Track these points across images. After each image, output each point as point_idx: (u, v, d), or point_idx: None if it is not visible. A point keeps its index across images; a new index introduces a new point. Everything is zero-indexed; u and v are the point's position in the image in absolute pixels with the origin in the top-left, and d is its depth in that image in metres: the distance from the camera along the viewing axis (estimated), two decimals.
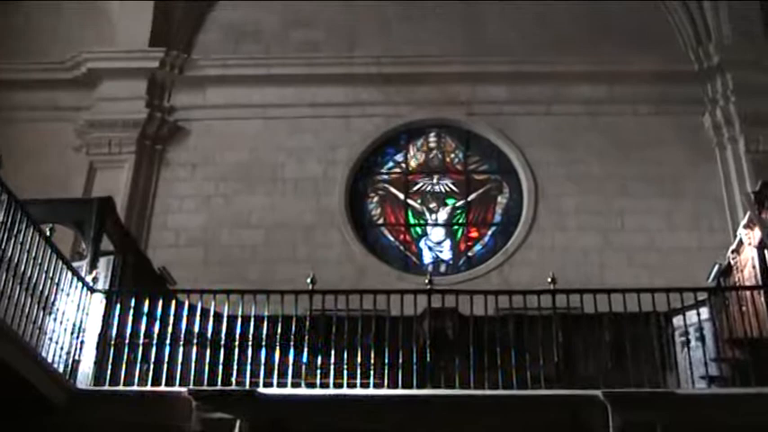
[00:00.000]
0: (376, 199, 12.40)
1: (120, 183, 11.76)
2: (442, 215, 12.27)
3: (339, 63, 12.84)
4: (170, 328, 7.79)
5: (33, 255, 6.71)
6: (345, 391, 7.44)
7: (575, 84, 12.52)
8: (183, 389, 7.27)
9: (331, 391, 7.43)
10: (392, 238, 12.12)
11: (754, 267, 8.22)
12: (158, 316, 7.84)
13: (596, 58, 12.42)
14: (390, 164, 12.66)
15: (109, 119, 12.14)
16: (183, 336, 7.82)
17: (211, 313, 7.87)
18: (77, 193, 11.28)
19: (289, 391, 7.42)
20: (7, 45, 12.75)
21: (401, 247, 12.05)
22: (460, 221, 12.24)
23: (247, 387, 7.42)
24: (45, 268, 6.90)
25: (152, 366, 7.65)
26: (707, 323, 7.99)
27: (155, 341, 7.77)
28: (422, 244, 12.09)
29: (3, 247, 6.23)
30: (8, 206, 6.35)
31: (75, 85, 12.60)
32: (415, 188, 12.46)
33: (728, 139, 11.89)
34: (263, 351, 7.73)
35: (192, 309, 7.98)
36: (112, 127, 12.12)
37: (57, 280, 7.13)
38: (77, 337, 7.49)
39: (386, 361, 7.61)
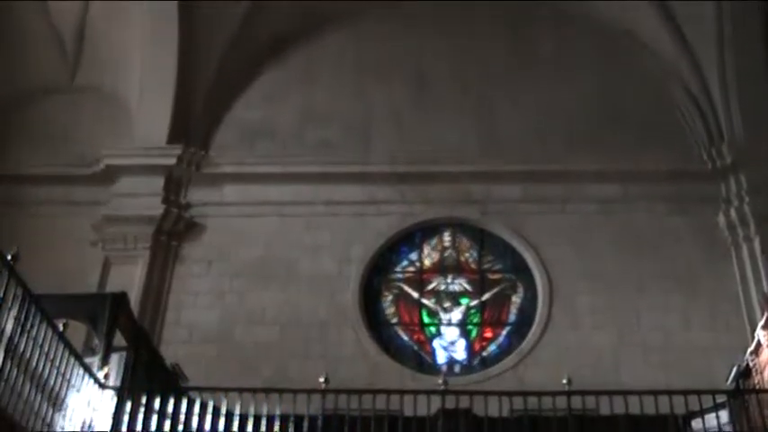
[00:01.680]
0: (390, 297, 12.34)
1: (135, 278, 11.75)
2: (457, 314, 12.16)
3: (354, 162, 12.95)
4: (181, 427, 7.70)
5: (45, 350, 6.70)
6: None
7: (588, 182, 12.57)
8: None
9: None
10: (406, 338, 12.01)
11: None
12: (169, 414, 7.74)
13: (609, 156, 12.50)
14: (405, 262, 12.64)
15: (125, 214, 12.23)
16: None
17: (223, 412, 7.78)
18: (92, 287, 11.27)
19: None
20: (27, 141, 13.05)
21: (415, 347, 11.93)
22: (475, 321, 12.13)
23: None
24: (56, 364, 6.88)
25: None
26: (727, 427, 7.82)
27: None
28: (436, 343, 11.96)
29: (15, 341, 6.21)
30: (23, 301, 6.36)
31: (92, 180, 12.75)
32: (430, 287, 12.40)
33: (744, 239, 11.83)
34: None
35: (203, 407, 7.89)
36: (128, 222, 12.20)
37: (68, 376, 7.09)
38: None
39: None
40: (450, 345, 11.93)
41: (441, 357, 11.85)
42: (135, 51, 13.15)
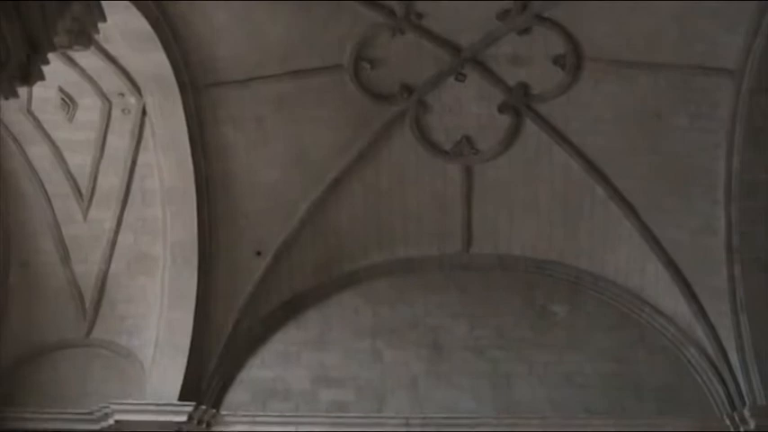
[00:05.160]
0: None
1: None
2: None
3: (368, 423, 12.82)
4: None
5: None
6: None
7: None
8: None
9: None
10: None
11: None
12: None
13: (627, 421, 12.43)
14: None
15: None
16: None
17: None
18: None
19: None
20: (35, 395, 12.86)
21: None
22: None
23: None
24: None
25: None
26: None
27: None
28: None
29: None
30: None
31: None
32: None
33: None
34: None
35: None
36: None
37: None
38: None
39: None
40: None
41: None
42: (153, 308, 13.36)
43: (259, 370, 13.59)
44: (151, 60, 11.44)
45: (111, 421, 12.51)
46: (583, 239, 13.84)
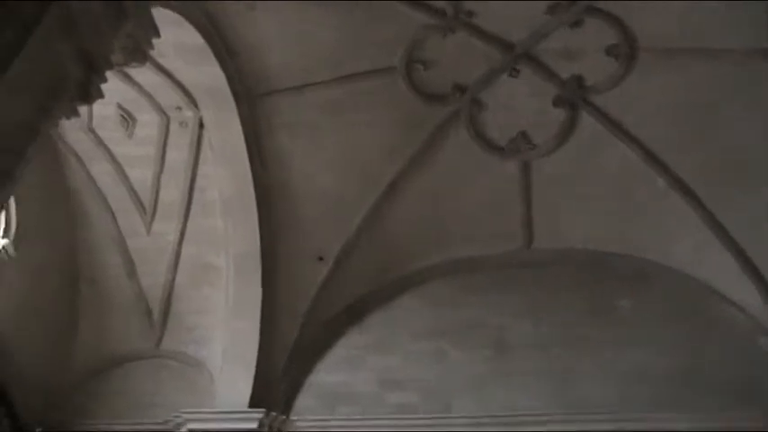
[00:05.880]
0: None
1: None
2: None
3: (435, 424, 12.78)
4: None
5: None
6: None
7: None
8: None
9: None
10: None
11: None
12: None
13: (697, 415, 12.12)
14: None
15: None
16: None
17: None
18: None
19: None
20: (108, 406, 13.18)
21: None
22: None
23: None
24: None
25: None
26: None
27: None
28: None
29: None
30: None
31: None
32: None
33: None
34: None
35: None
36: None
37: None
38: None
39: None
40: None
41: None
42: (218, 317, 13.57)
43: (325, 375, 13.68)
44: (205, 73, 11.63)
45: (183, 430, 12.70)
46: (646, 231, 13.63)
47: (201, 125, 12.66)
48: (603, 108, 12.59)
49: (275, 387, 13.27)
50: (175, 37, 10.61)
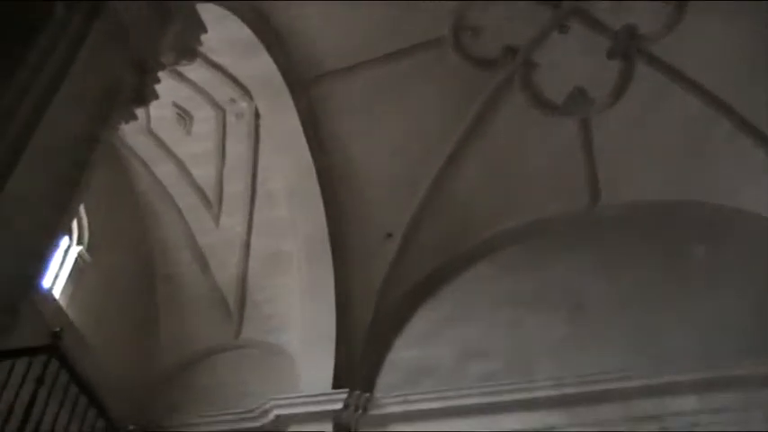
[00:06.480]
0: None
1: None
2: None
3: (519, 390, 12.65)
4: None
5: None
6: None
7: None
8: None
9: None
10: None
11: None
12: None
13: None
14: None
15: None
16: None
17: None
18: None
19: None
20: (196, 400, 13.42)
21: None
22: None
23: None
24: None
25: None
26: None
27: None
28: None
29: None
30: None
31: None
32: None
33: None
34: None
35: None
36: None
37: None
38: None
39: None
40: None
41: None
42: (294, 303, 13.72)
43: (405, 350, 13.71)
44: (256, 64, 11.73)
45: (271, 417, 12.89)
46: (715, 176, 13.31)
47: (258, 115, 12.75)
48: (661, 56, 12.35)
49: (356, 366, 13.38)
50: (223, 31, 10.73)
